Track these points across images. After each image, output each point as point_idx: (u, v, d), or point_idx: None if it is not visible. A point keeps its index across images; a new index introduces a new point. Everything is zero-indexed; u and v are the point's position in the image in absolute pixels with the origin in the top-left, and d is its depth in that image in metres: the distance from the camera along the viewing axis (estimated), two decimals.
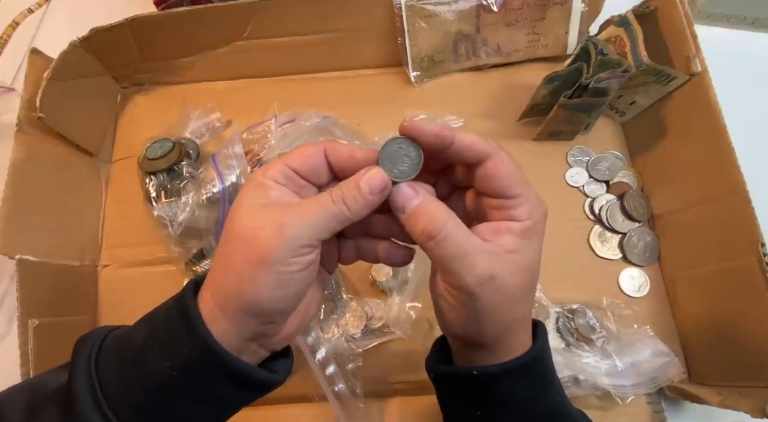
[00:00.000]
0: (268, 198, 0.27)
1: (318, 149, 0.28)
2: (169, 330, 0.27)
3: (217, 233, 0.45)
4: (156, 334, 0.27)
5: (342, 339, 0.43)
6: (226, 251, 0.26)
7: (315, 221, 0.26)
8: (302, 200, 0.28)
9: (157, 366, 0.26)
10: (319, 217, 0.26)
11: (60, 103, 0.48)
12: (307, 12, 0.51)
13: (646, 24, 0.46)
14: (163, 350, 0.26)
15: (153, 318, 0.28)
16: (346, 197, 0.26)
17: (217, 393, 0.27)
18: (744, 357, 0.40)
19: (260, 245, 0.25)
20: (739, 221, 0.40)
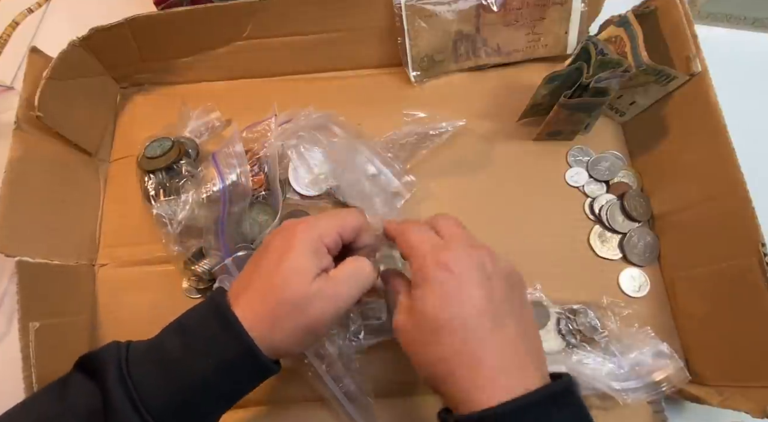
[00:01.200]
0: (320, 266, 0.32)
1: (360, 224, 0.35)
2: (209, 336, 0.30)
3: (216, 232, 0.45)
4: (193, 342, 0.30)
5: (344, 339, 0.43)
6: (272, 307, 0.31)
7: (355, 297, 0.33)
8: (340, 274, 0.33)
9: (197, 372, 0.30)
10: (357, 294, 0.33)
11: (59, 102, 0.48)
12: (307, 12, 0.51)
13: (646, 24, 0.46)
14: (204, 353, 0.30)
15: (185, 327, 0.31)
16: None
17: (240, 389, 0.32)
18: (744, 357, 0.39)
19: (314, 318, 0.31)
20: (739, 221, 0.40)
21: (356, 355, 0.43)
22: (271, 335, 0.31)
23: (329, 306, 0.31)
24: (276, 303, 0.31)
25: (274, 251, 0.32)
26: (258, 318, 0.31)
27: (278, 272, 0.31)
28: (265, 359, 0.30)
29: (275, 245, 0.33)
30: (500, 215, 0.50)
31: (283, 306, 0.31)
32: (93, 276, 0.50)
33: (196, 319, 0.32)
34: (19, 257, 0.41)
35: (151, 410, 0.28)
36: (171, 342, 0.31)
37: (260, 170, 0.47)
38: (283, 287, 0.31)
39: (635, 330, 0.44)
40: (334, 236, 0.33)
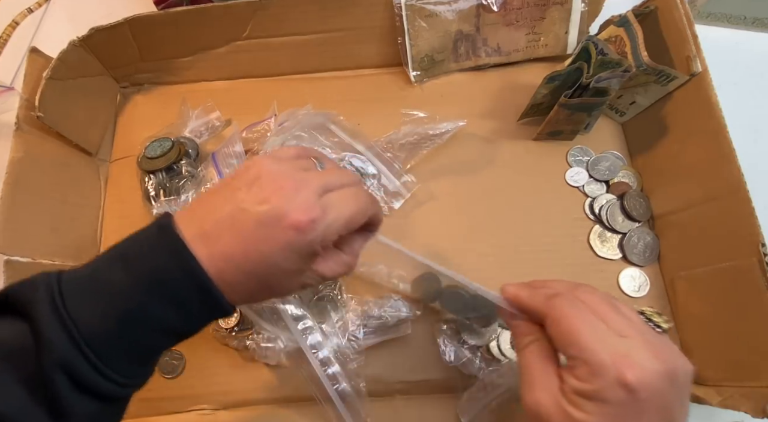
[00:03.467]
0: (308, 265, 0.29)
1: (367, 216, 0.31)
2: (157, 268, 0.27)
3: None
4: (138, 271, 0.26)
5: (343, 339, 0.43)
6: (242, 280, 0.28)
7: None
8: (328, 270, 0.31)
9: (143, 303, 0.26)
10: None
11: (59, 102, 0.48)
12: (307, 12, 0.51)
13: (646, 24, 0.46)
14: (150, 287, 0.26)
15: (128, 256, 0.28)
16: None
17: (193, 326, 0.29)
18: (744, 357, 0.39)
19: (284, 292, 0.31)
20: (739, 221, 0.40)
21: (354, 355, 0.43)
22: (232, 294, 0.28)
23: (301, 290, 0.32)
24: (253, 285, 0.28)
25: (262, 231, 0.27)
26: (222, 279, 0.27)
27: (265, 265, 0.27)
28: (225, 302, 0.27)
29: (264, 223, 0.27)
30: (500, 214, 0.50)
31: (259, 290, 0.29)
32: None
33: (141, 246, 0.28)
34: (18, 257, 0.41)
35: (92, 344, 0.25)
36: (112, 271, 0.27)
37: None
38: (266, 280, 0.28)
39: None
40: (335, 237, 0.29)
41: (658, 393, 0.24)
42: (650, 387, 0.24)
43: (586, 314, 0.27)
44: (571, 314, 0.27)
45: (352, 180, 0.31)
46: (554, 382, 0.27)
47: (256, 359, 0.43)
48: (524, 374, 0.28)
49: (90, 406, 0.26)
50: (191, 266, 0.27)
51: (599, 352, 0.25)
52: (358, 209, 0.30)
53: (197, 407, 0.45)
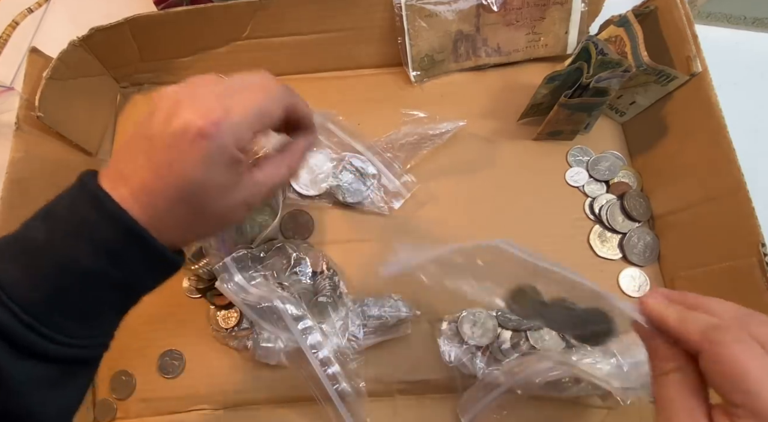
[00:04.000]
0: (238, 174, 0.28)
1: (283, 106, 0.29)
2: (79, 219, 0.26)
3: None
4: (61, 225, 0.26)
5: (343, 339, 0.43)
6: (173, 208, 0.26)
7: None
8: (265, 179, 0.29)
9: (70, 255, 0.25)
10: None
11: (59, 102, 0.48)
12: (307, 12, 0.51)
13: (646, 24, 0.46)
14: (75, 239, 0.25)
15: (50, 213, 0.27)
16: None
17: (132, 279, 0.27)
18: None
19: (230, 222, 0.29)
20: (739, 221, 0.40)
21: (354, 355, 0.43)
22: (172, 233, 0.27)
23: (248, 211, 0.29)
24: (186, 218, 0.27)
25: (174, 149, 0.26)
26: (157, 216, 0.26)
27: (187, 184, 0.26)
28: (156, 242, 0.26)
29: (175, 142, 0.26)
30: (500, 214, 0.50)
31: (196, 219, 0.27)
32: None
33: (63, 202, 0.27)
34: None
35: (23, 304, 0.24)
36: (35, 232, 0.26)
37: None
38: (197, 202, 0.27)
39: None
40: (251, 137, 0.27)
41: None
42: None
43: (760, 357, 0.22)
44: (741, 355, 0.22)
45: (258, 76, 0.29)
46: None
47: (256, 359, 0.43)
48: (663, 408, 0.24)
49: (37, 371, 0.25)
50: (111, 208, 0.25)
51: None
52: (267, 99, 0.28)
53: (197, 407, 0.45)
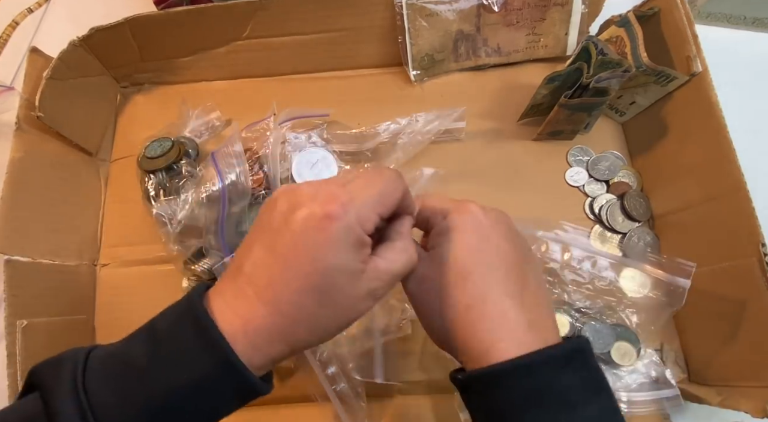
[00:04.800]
0: (364, 260, 0.26)
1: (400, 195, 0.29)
2: (180, 347, 0.25)
3: (216, 232, 0.45)
4: (162, 351, 0.25)
5: (343, 339, 0.43)
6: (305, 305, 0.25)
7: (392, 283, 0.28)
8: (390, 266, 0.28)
9: (165, 386, 0.24)
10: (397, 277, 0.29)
11: (59, 102, 0.48)
12: (307, 12, 0.51)
13: (647, 24, 0.46)
14: (173, 368, 0.24)
15: (153, 333, 0.26)
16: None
17: (220, 407, 0.26)
18: (744, 357, 0.39)
19: (360, 314, 0.27)
20: (739, 221, 0.40)
21: (354, 356, 0.43)
22: (304, 339, 0.26)
23: (374, 304, 0.27)
24: (314, 311, 0.25)
25: (300, 242, 0.25)
26: (285, 320, 0.25)
27: (316, 273, 0.25)
28: (250, 374, 0.25)
29: (301, 232, 0.25)
30: None
31: (324, 313, 0.26)
32: (94, 276, 0.50)
33: (168, 322, 0.26)
34: (18, 257, 0.41)
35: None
36: (137, 351, 0.25)
37: (260, 169, 0.48)
38: (324, 291, 0.25)
39: (642, 352, 0.44)
40: (376, 219, 0.27)
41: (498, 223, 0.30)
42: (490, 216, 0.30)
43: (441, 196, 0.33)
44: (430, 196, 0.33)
45: (373, 166, 0.32)
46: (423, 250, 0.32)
47: None
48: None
49: None
50: (213, 337, 0.24)
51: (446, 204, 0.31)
52: (386, 184, 0.28)
53: None
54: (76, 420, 0.23)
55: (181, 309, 0.26)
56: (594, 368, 0.27)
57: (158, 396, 0.24)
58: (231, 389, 0.25)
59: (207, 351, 0.24)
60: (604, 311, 0.45)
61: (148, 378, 0.24)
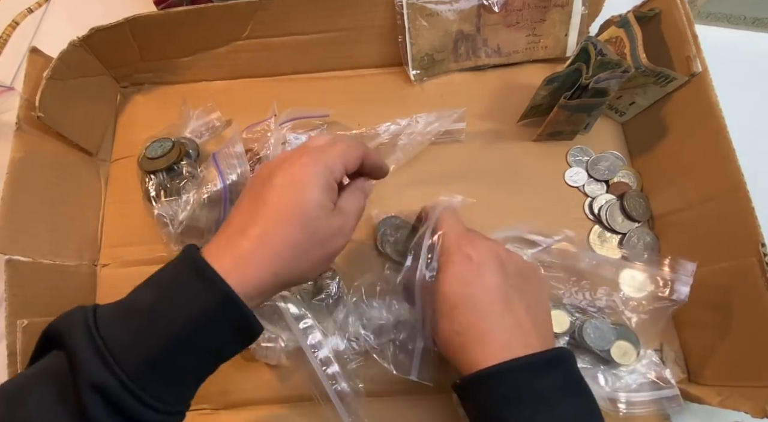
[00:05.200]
0: (333, 200, 0.33)
1: (360, 153, 0.35)
2: (182, 287, 0.28)
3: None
4: (166, 293, 0.28)
5: (343, 339, 0.43)
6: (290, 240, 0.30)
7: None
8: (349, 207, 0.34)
9: (171, 321, 0.27)
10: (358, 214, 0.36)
11: (59, 102, 0.48)
12: (307, 12, 0.51)
13: (647, 24, 0.46)
14: (177, 306, 0.27)
15: (156, 281, 0.29)
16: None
17: (220, 344, 0.29)
18: (744, 357, 0.39)
19: (331, 252, 0.33)
20: (739, 221, 0.40)
21: (354, 355, 0.43)
22: (289, 268, 0.30)
23: (343, 241, 0.33)
24: (296, 238, 0.30)
25: (281, 186, 0.31)
26: (271, 251, 0.29)
27: (297, 206, 0.30)
28: (245, 307, 0.28)
29: (281, 180, 0.31)
30: (500, 214, 0.50)
31: (305, 241, 0.30)
32: (95, 276, 0.50)
33: (169, 272, 0.29)
34: (18, 257, 0.41)
35: (125, 366, 0.26)
36: (143, 297, 0.28)
37: None
38: (304, 223, 0.30)
39: (642, 353, 0.44)
40: (341, 169, 0.33)
41: (488, 259, 0.35)
42: (482, 255, 0.35)
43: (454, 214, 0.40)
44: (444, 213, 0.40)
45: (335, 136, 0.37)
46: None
47: (257, 359, 0.43)
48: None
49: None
50: (210, 275, 0.28)
51: (452, 232, 0.38)
52: (348, 144, 0.34)
53: (197, 407, 0.45)
54: (95, 359, 0.25)
55: (179, 261, 0.30)
56: (573, 373, 0.32)
57: (165, 333, 0.27)
58: (229, 323, 0.29)
59: (206, 289, 0.28)
60: (604, 311, 0.45)
61: (155, 316, 0.27)
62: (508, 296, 0.34)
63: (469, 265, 0.34)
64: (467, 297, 0.34)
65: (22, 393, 0.26)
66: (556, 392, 0.31)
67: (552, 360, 0.32)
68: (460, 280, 0.34)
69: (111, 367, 0.25)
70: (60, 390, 0.26)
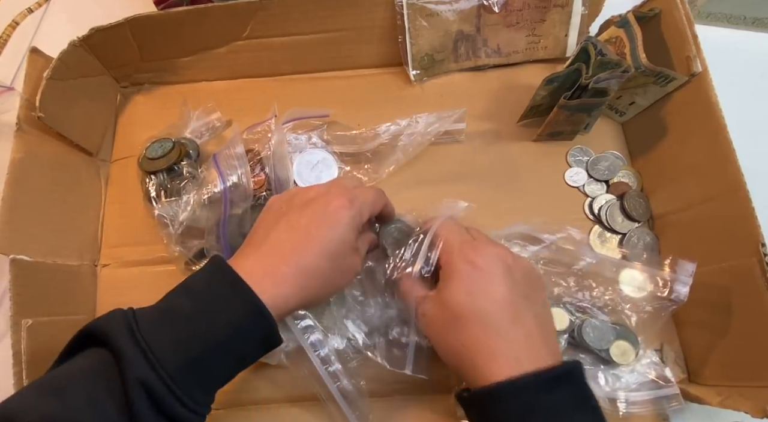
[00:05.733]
0: (356, 240, 0.36)
1: (383, 203, 0.39)
2: (218, 298, 0.31)
3: (217, 233, 0.45)
4: (204, 302, 0.31)
5: (343, 339, 0.43)
6: (316, 268, 0.33)
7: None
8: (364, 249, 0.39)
9: (209, 329, 0.30)
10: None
11: (59, 102, 0.48)
12: (307, 12, 0.51)
13: (647, 24, 0.46)
14: (214, 315, 0.30)
15: (190, 291, 0.32)
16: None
17: (249, 351, 0.32)
18: (744, 357, 0.40)
19: (341, 286, 0.38)
20: (739, 221, 0.40)
21: (354, 354, 0.43)
22: (314, 293, 0.34)
23: (354, 275, 0.37)
24: (326, 269, 0.34)
25: (321, 222, 0.34)
26: (305, 279, 0.33)
27: (332, 242, 0.34)
28: (275, 323, 0.31)
29: (321, 216, 0.34)
30: (500, 215, 0.50)
31: (331, 273, 0.34)
32: (95, 276, 0.50)
33: (203, 281, 0.32)
34: (14, 255, 0.41)
35: (167, 368, 0.28)
36: (179, 304, 0.31)
37: (261, 170, 0.48)
38: (335, 257, 0.34)
39: (641, 353, 0.44)
40: (368, 215, 0.37)
41: (494, 266, 0.34)
42: (488, 261, 0.34)
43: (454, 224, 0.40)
44: (444, 224, 0.39)
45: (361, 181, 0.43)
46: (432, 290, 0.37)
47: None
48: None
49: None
50: (244, 289, 0.31)
51: (453, 240, 0.37)
52: (376, 194, 0.39)
53: None
54: (141, 357, 0.27)
55: (212, 270, 0.33)
56: (584, 389, 0.32)
57: (203, 338, 0.29)
58: (260, 335, 0.32)
59: (241, 302, 0.31)
60: (603, 310, 0.45)
61: (193, 323, 0.30)
62: (517, 307, 0.33)
63: (474, 274, 0.33)
64: (474, 309, 0.32)
65: (70, 387, 0.27)
66: (568, 409, 0.30)
67: (563, 376, 0.31)
68: (466, 290, 0.33)
69: (155, 367, 0.27)
70: (107, 386, 0.27)
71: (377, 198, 0.38)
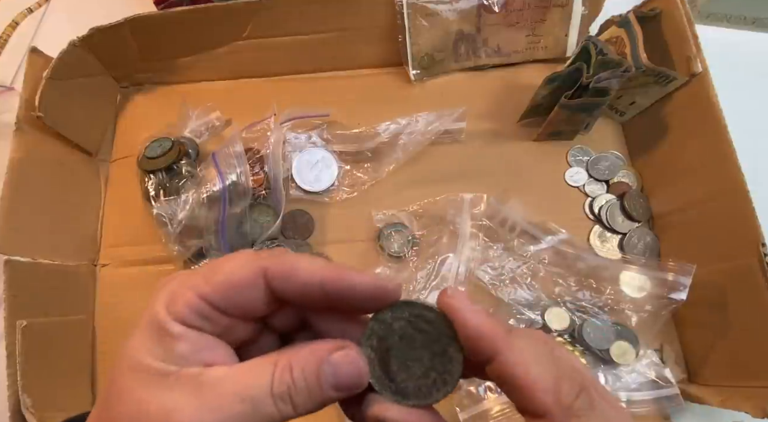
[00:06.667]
0: (168, 357, 0.18)
1: (252, 272, 0.19)
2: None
3: (216, 232, 0.45)
4: None
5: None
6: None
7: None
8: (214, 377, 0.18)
9: None
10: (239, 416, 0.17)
11: (59, 102, 0.48)
12: (307, 12, 0.51)
13: (647, 24, 0.46)
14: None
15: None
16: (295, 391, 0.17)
17: None
18: (744, 357, 0.39)
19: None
20: (739, 221, 0.40)
21: None
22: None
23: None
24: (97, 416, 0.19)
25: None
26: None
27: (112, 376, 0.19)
28: None
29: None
30: None
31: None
32: (94, 276, 0.50)
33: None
34: (18, 257, 0.41)
35: None
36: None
37: (260, 169, 0.48)
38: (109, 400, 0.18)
39: (641, 353, 0.44)
40: (190, 300, 0.19)
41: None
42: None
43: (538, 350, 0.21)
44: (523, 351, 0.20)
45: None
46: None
47: None
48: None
49: None
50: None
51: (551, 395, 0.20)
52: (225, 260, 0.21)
53: None
54: None
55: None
56: None
57: None
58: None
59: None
60: (604, 310, 0.45)
61: None
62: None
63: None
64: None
65: None
66: None
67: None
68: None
69: None
70: None
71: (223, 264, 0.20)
